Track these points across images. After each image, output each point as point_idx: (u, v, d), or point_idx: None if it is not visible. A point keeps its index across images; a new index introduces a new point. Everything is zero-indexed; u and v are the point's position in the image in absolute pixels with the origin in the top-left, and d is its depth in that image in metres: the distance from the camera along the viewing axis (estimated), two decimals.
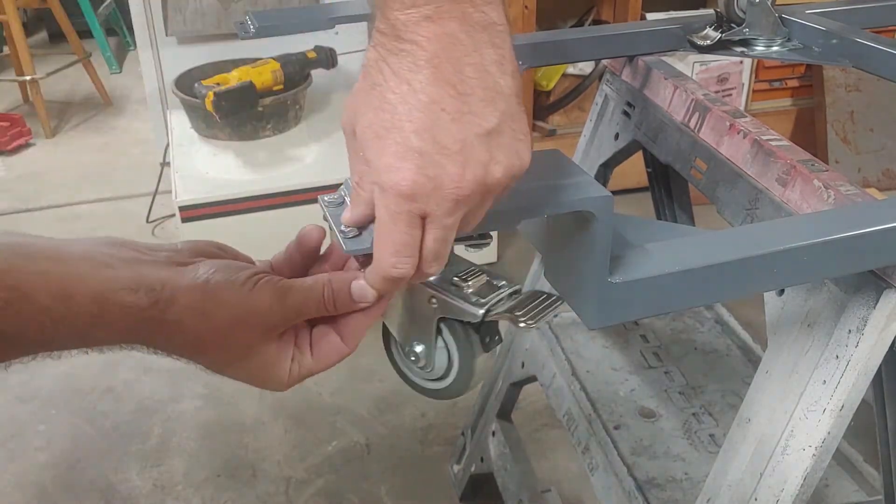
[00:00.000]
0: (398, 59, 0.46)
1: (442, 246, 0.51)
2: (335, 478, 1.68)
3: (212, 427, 1.81)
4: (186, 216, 2.05)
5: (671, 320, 1.40)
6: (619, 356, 1.32)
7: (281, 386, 0.61)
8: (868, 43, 0.97)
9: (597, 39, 1.09)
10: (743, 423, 0.83)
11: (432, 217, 0.49)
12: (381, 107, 0.47)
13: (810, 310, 0.76)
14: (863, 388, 0.73)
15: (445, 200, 0.48)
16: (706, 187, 0.94)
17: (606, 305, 0.59)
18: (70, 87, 3.85)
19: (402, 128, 0.47)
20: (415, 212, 0.49)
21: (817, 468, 0.76)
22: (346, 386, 1.92)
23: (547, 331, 1.36)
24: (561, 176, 0.57)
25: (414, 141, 0.47)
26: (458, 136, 0.47)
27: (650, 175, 1.36)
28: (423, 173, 0.47)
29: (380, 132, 0.48)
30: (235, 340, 0.58)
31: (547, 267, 0.64)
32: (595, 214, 0.55)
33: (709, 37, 1.06)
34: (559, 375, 1.29)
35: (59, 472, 1.70)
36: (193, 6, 2.52)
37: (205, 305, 0.56)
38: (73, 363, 2.00)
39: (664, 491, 1.08)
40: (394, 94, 0.47)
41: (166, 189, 2.29)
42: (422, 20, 0.45)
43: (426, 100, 0.46)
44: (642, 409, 1.22)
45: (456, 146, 0.47)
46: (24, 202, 2.83)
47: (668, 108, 1.05)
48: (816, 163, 0.81)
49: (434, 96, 0.46)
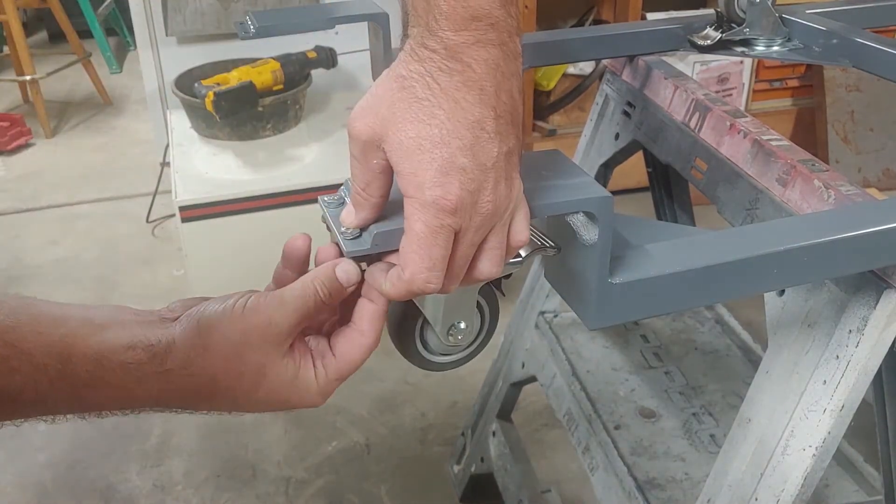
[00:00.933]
0: (449, 77, 0.48)
1: (466, 262, 0.53)
2: (335, 478, 1.68)
3: (212, 427, 1.81)
4: (186, 216, 2.04)
5: (671, 320, 1.40)
6: (619, 356, 1.32)
7: (315, 397, 0.60)
8: (868, 43, 0.97)
9: (597, 39, 1.09)
10: (743, 423, 0.83)
11: (464, 231, 0.51)
12: (427, 121, 0.49)
13: (810, 310, 0.76)
14: (863, 388, 0.73)
15: (478, 215, 0.50)
16: (706, 187, 0.94)
17: (607, 306, 0.59)
18: (70, 87, 3.86)
19: (450, 143, 0.48)
20: (454, 227, 0.50)
21: (817, 468, 0.76)
22: (346, 386, 1.90)
23: (547, 331, 1.36)
24: (561, 176, 0.57)
25: (459, 158, 0.49)
26: (493, 153, 0.50)
27: (650, 175, 1.36)
28: (466, 189, 0.49)
29: (424, 145, 0.49)
30: (247, 366, 0.57)
31: (547, 267, 0.64)
32: (595, 215, 0.55)
33: (709, 37, 1.06)
34: (559, 375, 1.29)
35: (59, 472, 1.70)
36: (193, 6, 2.52)
37: (204, 342, 0.56)
38: None
39: (664, 491, 1.08)
40: (442, 110, 0.48)
41: (166, 189, 2.29)
42: (473, 44, 0.48)
43: (472, 119, 0.49)
44: (642, 409, 1.22)
45: (490, 163, 0.50)
46: (24, 202, 2.83)
47: (669, 108, 1.05)
48: (817, 163, 0.81)
49: (479, 116, 0.49)
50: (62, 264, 2.45)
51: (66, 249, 2.53)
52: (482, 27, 0.48)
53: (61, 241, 2.58)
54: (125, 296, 2.27)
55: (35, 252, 2.51)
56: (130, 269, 2.41)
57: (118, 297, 2.27)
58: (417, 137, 0.49)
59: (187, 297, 0.62)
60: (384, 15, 0.94)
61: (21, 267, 2.43)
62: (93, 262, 2.45)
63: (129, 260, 2.46)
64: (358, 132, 0.51)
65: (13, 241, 2.58)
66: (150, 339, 0.55)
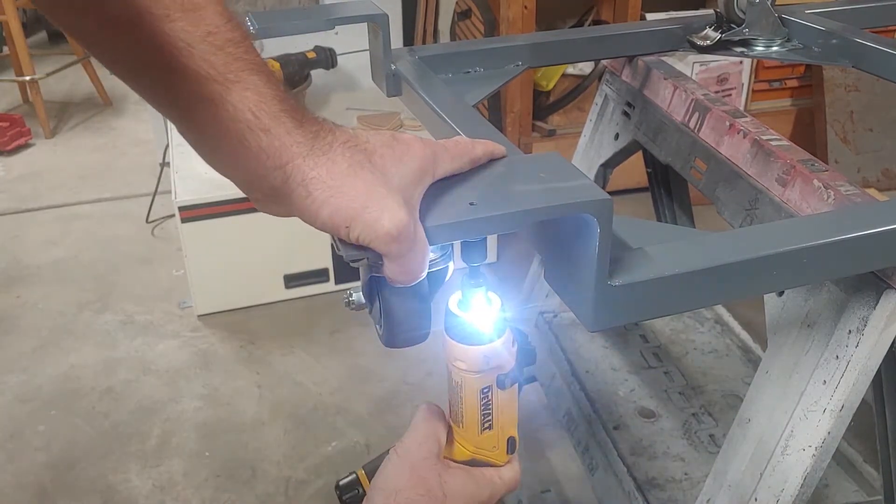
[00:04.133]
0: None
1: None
2: (335, 478, 1.68)
3: (212, 427, 1.81)
4: (186, 216, 2.05)
5: (670, 320, 1.40)
6: (618, 356, 1.32)
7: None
8: (868, 43, 0.97)
9: (597, 39, 1.09)
10: (743, 423, 0.83)
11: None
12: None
13: (810, 310, 0.76)
14: (863, 388, 0.73)
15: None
16: (706, 187, 0.94)
17: (606, 308, 0.59)
18: (69, 88, 3.85)
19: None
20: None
21: (817, 468, 0.76)
22: (346, 386, 1.92)
23: (547, 331, 1.36)
24: (559, 179, 0.57)
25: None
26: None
27: (650, 175, 1.36)
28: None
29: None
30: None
31: (547, 269, 0.64)
32: (594, 218, 0.55)
33: (709, 37, 1.06)
34: (559, 376, 1.29)
35: (58, 472, 1.70)
36: None
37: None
38: (72, 363, 2.00)
39: (664, 491, 1.08)
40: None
41: (166, 189, 2.29)
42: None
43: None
44: (642, 409, 1.22)
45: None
46: (24, 202, 2.83)
47: (668, 109, 1.05)
48: (816, 163, 0.81)
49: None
50: (61, 264, 2.45)
51: (65, 250, 2.53)
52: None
53: (61, 241, 2.58)
54: (124, 296, 2.27)
55: (34, 252, 2.51)
56: (130, 269, 2.41)
57: (117, 297, 2.27)
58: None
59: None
60: (384, 15, 0.94)
61: (20, 267, 2.43)
62: (92, 263, 2.45)
63: (129, 260, 2.46)
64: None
65: (12, 242, 2.58)
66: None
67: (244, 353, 2.03)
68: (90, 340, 2.09)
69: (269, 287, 2.19)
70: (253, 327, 2.13)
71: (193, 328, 2.13)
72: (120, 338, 2.10)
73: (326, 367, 1.98)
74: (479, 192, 0.57)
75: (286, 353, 2.03)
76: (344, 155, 0.53)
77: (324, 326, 2.12)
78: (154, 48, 0.49)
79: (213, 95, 0.50)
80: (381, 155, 0.55)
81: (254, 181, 0.55)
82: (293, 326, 2.13)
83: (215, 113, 0.51)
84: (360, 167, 0.53)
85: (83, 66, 3.56)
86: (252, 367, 1.97)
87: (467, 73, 1.02)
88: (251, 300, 2.20)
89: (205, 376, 1.95)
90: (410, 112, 0.99)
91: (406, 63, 0.97)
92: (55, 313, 2.21)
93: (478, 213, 0.55)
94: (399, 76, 0.97)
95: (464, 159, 0.60)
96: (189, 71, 0.50)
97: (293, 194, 0.53)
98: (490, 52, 1.04)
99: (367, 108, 2.51)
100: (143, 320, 2.17)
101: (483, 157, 0.61)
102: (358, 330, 2.09)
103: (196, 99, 0.51)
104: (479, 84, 1.00)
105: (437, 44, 2.90)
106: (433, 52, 1.02)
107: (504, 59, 1.04)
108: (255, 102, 0.51)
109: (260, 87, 0.51)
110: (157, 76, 0.50)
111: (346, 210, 0.52)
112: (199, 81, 0.50)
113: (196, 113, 0.51)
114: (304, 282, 2.21)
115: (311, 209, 0.53)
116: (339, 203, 0.52)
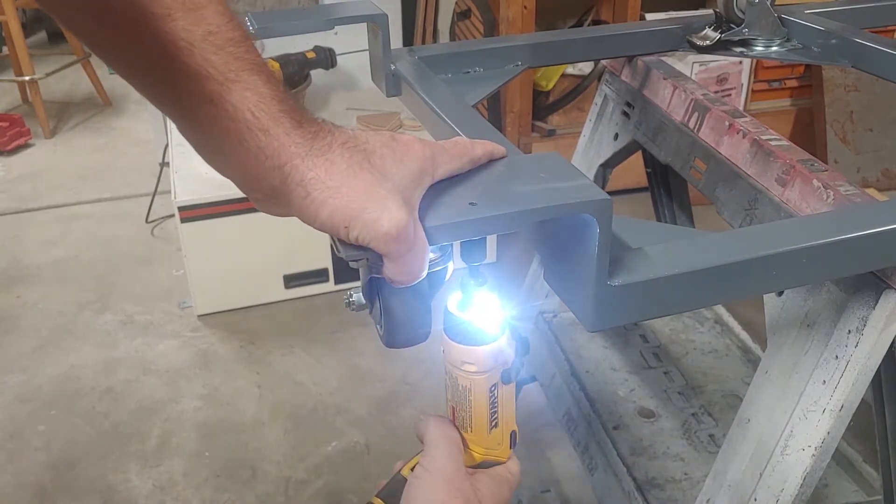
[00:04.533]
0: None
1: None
2: (335, 478, 1.68)
3: (212, 427, 1.81)
4: (186, 216, 2.05)
5: (670, 320, 1.40)
6: (618, 356, 1.32)
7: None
8: (868, 43, 0.97)
9: (596, 39, 1.09)
10: (742, 423, 0.83)
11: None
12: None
13: (810, 310, 0.76)
14: (862, 388, 0.73)
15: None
16: (705, 187, 0.95)
17: (606, 308, 0.59)
18: (69, 88, 3.85)
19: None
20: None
21: (817, 468, 0.76)
22: (346, 386, 1.92)
23: (547, 331, 1.36)
24: (559, 179, 0.57)
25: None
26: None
27: (650, 175, 1.36)
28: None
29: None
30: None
31: (546, 269, 0.64)
32: (594, 218, 0.55)
33: (708, 37, 1.06)
34: (559, 376, 1.29)
35: (58, 472, 1.70)
36: None
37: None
38: (72, 363, 2.00)
39: (664, 491, 1.08)
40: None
41: (165, 189, 2.29)
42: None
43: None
44: (642, 409, 1.22)
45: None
46: (24, 202, 2.83)
47: (668, 109, 1.05)
48: (816, 163, 0.81)
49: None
50: (61, 264, 2.45)
51: (65, 250, 2.53)
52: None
53: (60, 241, 2.58)
54: (124, 296, 2.27)
55: (34, 252, 2.51)
56: (130, 269, 2.41)
57: (117, 297, 2.27)
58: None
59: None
60: (383, 15, 0.94)
61: (20, 267, 2.43)
62: (92, 263, 2.45)
63: (129, 260, 2.46)
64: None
65: (12, 242, 2.58)
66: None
67: (244, 353, 2.03)
68: (90, 340, 2.09)
69: (269, 287, 2.19)
70: (253, 327, 2.13)
71: (193, 328, 2.13)
72: (120, 338, 2.10)
73: (326, 367, 1.98)
74: (479, 193, 0.57)
75: (286, 353, 2.03)
76: (343, 155, 0.53)
77: (323, 326, 2.12)
78: (155, 47, 0.49)
79: (212, 95, 0.51)
80: (381, 155, 0.55)
81: (253, 181, 0.55)
82: (293, 326, 2.13)
83: (215, 113, 0.51)
84: (359, 168, 0.53)
85: (83, 66, 3.56)
86: (252, 367, 1.97)
87: (467, 73, 1.02)
88: (251, 300, 2.20)
89: (205, 376, 1.95)
90: (410, 112, 0.99)
91: (406, 63, 0.97)
92: (55, 313, 2.21)
93: (478, 213, 0.55)
94: (399, 76, 0.97)
95: (463, 160, 0.60)
96: (190, 70, 0.50)
97: (292, 194, 0.53)
98: (490, 52, 1.04)
99: (366, 109, 2.51)
100: (143, 320, 2.17)
101: (483, 158, 0.61)
102: (358, 330, 2.09)
103: (196, 98, 0.51)
104: (478, 84, 1.00)
105: (437, 44, 2.90)
106: (433, 52, 1.02)
107: (504, 59, 1.04)
108: (255, 102, 0.51)
109: (259, 88, 0.52)
110: (158, 75, 0.50)
111: (345, 210, 0.52)
112: (199, 81, 0.50)
113: (196, 112, 0.51)
114: (304, 282, 2.21)
115: (310, 209, 0.53)
116: (338, 203, 0.52)
